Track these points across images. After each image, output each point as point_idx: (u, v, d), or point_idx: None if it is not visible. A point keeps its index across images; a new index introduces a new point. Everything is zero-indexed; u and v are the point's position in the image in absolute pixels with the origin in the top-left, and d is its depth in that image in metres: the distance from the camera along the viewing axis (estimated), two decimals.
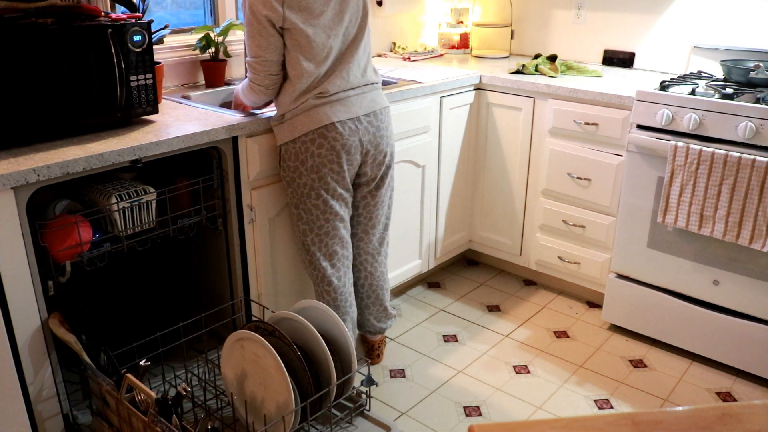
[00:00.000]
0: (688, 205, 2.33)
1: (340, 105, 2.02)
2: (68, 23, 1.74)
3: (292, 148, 2.02)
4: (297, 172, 2.04)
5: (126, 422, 1.69)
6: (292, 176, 2.06)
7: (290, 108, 2.00)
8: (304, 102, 1.99)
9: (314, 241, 2.13)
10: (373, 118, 2.09)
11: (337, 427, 1.88)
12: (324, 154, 2.01)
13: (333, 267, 2.17)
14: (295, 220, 2.15)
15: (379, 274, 2.34)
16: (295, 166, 2.04)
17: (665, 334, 2.59)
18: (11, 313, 1.63)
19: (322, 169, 2.03)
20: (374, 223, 2.27)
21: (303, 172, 2.04)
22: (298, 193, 2.08)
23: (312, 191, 2.06)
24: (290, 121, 2.01)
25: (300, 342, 1.81)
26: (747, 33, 2.78)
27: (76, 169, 1.64)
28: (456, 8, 3.54)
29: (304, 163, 2.02)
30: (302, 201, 2.08)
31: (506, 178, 3.01)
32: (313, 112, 1.99)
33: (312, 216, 2.09)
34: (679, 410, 0.93)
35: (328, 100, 2.00)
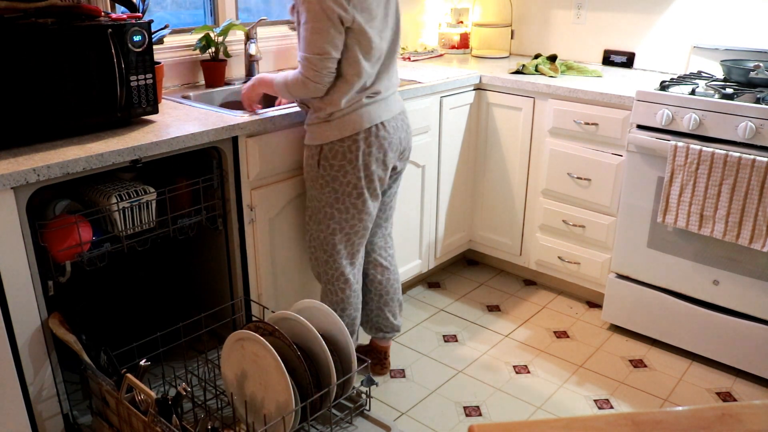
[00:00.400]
0: (688, 205, 2.33)
1: (385, 104, 2.06)
2: (68, 23, 1.74)
3: (339, 147, 2.01)
4: (342, 171, 2.03)
5: (126, 422, 1.69)
6: (334, 175, 2.04)
7: (341, 107, 1.99)
8: (357, 101, 2.00)
9: (342, 240, 2.13)
10: (404, 116, 2.16)
11: (337, 427, 1.88)
12: (374, 152, 2.04)
13: (352, 266, 2.18)
14: (323, 218, 2.11)
15: (393, 267, 2.36)
16: (340, 165, 2.03)
17: (665, 334, 2.59)
18: (11, 313, 1.63)
19: (371, 167, 2.05)
20: (387, 216, 2.32)
21: (349, 171, 2.03)
22: (338, 192, 2.06)
23: (354, 190, 2.06)
24: (339, 120, 2.00)
25: (300, 342, 1.81)
26: (747, 33, 2.78)
27: (76, 169, 1.64)
28: (456, 8, 3.54)
29: (351, 162, 2.02)
30: (341, 199, 2.07)
31: (506, 178, 3.01)
32: (364, 111, 2.01)
33: (348, 215, 2.10)
34: (679, 410, 0.93)
35: (376, 99, 2.03)
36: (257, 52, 2.65)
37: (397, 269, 2.38)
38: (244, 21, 2.77)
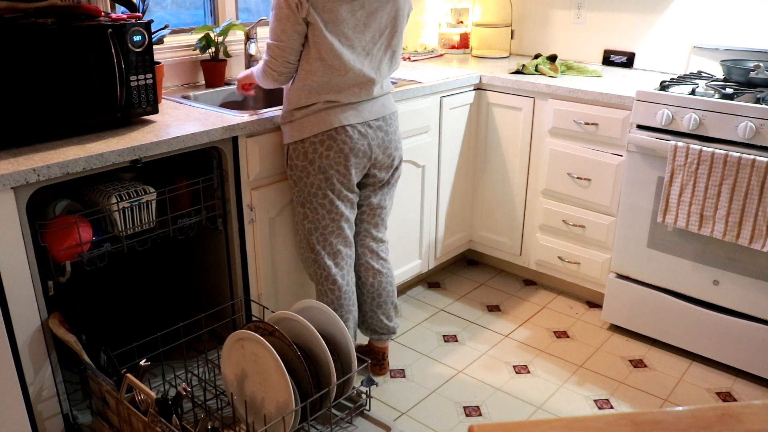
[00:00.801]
0: (688, 205, 2.33)
1: (352, 109, 2.02)
2: (68, 23, 1.74)
3: (300, 147, 2.02)
4: (305, 172, 2.05)
5: (126, 422, 1.69)
6: (299, 175, 2.06)
7: (299, 105, 2.00)
8: (314, 104, 1.99)
9: (319, 239, 2.13)
10: (382, 122, 2.10)
11: (337, 427, 1.88)
12: (332, 156, 2.01)
13: (337, 266, 2.17)
14: (300, 218, 2.14)
15: (386, 270, 2.34)
16: (303, 166, 2.04)
17: (665, 334, 2.59)
18: (11, 313, 1.63)
19: (329, 171, 2.03)
20: (376, 222, 2.27)
21: (311, 172, 2.04)
22: (304, 192, 2.08)
23: (319, 191, 2.06)
24: (300, 121, 2.01)
25: (300, 342, 1.81)
26: (747, 33, 2.78)
27: (76, 169, 1.64)
28: (456, 8, 3.54)
29: (312, 163, 2.02)
30: (308, 200, 2.08)
31: (506, 178, 3.01)
32: (324, 114, 1.99)
33: (318, 215, 2.10)
34: (679, 410, 0.93)
35: (340, 104, 2.01)
36: (257, 52, 2.65)
37: (391, 272, 2.36)
38: (244, 21, 2.77)
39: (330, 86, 1.98)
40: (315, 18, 1.89)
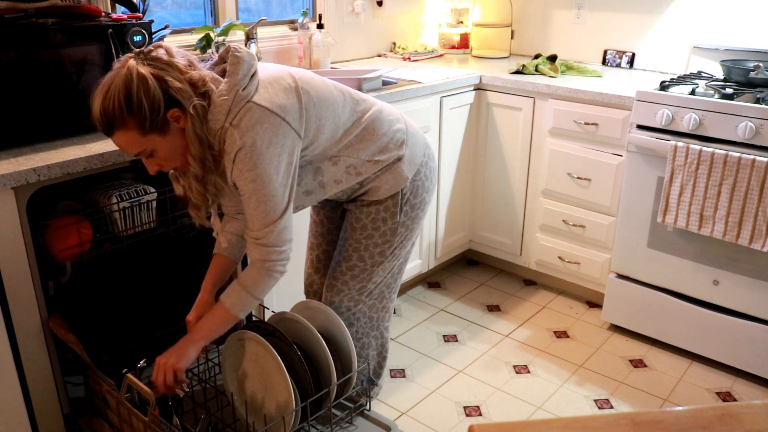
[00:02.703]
0: (688, 205, 2.33)
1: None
2: (69, 23, 1.74)
3: (417, 180, 1.78)
4: (422, 204, 1.80)
5: (126, 422, 1.69)
6: (417, 213, 1.80)
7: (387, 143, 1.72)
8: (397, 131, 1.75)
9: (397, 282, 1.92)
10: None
11: (337, 427, 1.88)
12: (436, 164, 1.87)
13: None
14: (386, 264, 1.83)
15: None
16: (421, 199, 1.80)
17: (665, 334, 2.59)
18: (12, 313, 1.63)
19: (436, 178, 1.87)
20: None
21: (427, 200, 1.82)
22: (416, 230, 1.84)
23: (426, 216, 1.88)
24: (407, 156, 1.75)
25: (300, 342, 1.81)
26: (747, 33, 2.77)
27: (76, 169, 1.64)
28: (456, 8, 3.54)
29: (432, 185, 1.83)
30: (413, 235, 1.84)
31: (506, 178, 3.01)
32: (411, 125, 1.81)
33: (406, 250, 1.87)
34: (679, 410, 0.93)
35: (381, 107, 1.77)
36: (257, 52, 2.65)
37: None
38: (244, 21, 2.77)
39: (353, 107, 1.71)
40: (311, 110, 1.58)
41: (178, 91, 1.43)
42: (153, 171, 1.55)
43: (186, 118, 1.45)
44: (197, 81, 1.46)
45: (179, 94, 1.44)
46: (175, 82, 1.43)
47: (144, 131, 1.44)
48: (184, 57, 1.49)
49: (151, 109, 1.42)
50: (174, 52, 1.48)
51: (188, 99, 1.44)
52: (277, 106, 1.50)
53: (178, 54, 1.48)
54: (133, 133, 1.44)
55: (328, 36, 2.90)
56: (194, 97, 1.45)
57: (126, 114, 1.41)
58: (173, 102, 1.44)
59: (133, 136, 1.44)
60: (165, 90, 1.43)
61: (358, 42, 3.27)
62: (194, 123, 1.46)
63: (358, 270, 1.82)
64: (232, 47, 1.53)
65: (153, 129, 1.44)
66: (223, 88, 1.48)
